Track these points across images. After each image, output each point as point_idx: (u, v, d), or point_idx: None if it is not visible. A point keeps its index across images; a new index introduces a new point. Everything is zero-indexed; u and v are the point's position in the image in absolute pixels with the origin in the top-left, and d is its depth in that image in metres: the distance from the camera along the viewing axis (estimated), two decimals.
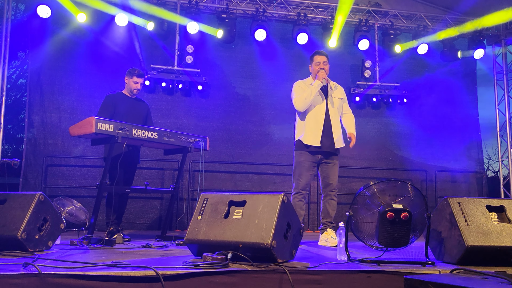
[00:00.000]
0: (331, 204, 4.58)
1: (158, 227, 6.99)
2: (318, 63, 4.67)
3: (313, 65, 4.74)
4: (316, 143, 4.52)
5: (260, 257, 2.71)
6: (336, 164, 4.64)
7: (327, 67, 4.68)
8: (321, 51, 4.84)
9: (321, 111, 4.59)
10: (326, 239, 4.42)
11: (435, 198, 7.96)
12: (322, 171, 4.63)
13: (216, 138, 7.36)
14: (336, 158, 4.65)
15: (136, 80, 5.02)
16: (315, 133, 4.54)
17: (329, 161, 4.60)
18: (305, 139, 4.56)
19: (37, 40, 7.11)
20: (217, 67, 7.74)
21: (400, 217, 2.80)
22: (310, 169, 4.57)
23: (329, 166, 4.60)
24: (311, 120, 4.59)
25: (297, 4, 7.92)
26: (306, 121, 4.61)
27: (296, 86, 4.75)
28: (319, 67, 4.64)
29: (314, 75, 4.69)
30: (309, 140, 4.54)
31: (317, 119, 4.57)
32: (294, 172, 4.64)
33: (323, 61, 4.68)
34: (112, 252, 3.42)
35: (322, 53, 4.75)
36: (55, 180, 6.92)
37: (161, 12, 7.17)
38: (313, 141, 4.53)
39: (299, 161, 4.60)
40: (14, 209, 3.33)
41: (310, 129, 4.56)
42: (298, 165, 4.61)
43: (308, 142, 4.54)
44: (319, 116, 4.58)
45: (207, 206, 3.14)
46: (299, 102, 4.58)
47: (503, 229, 3.00)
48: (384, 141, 8.24)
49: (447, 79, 8.48)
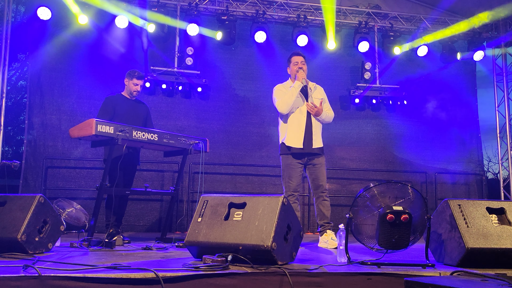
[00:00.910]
0: (325, 205, 4.58)
1: (158, 229, 6.99)
2: (296, 63, 4.69)
3: (291, 66, 4.76)
4: (299, 145, 4.54)
5: (260, 259, 2.71)
6: (323, 164, 4.64)
7: (305, 67, 4.70)
8: (297, 51, 4.88)
9: (302, 113, 4.62)
10: (326, 241, 4.41)
11: (435, 200, 7.96)
12: (311, 174, 4.64)
13: (216, 140, 7.36)
14: (322, 159, 4.65)
15: (136, 82, 5.02)
16: (297, 135, 4.56)
17: (315, 163, 4.61)
18: (288, 141, 4.59)
19: (37, 42, 7.12)
20: (217, 69, 7.74)
21: (400, 219, 2.80)
22: (298, 170, 4.59)
23: (316, 168, 4.61)
24: (293, 122, 4.61)
25: (297, 6, 7.93)
26: (288, 123, 4.64)
27: (276, 90, 4.77)
28: (297, 66, 4.66)
29: (293, 76, 4.72)
30: (292, 142, 4.56)
31: (299, 121, 4.59)
32: (283, 175, 4.65)
33: (300, 61, 4.70)
34: (112, 254, 3.42)
35: (299, 54, 4.78)
36: (55, 182, 6.91)
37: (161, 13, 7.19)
38: (296, 143, 4.55)
39: (286, 164, 4.62)
40: (14, 211, 3.33)
41: (292, 131, 4.59)
42: (286, 168, 4.63)
43: (290, 144, 4.57)
44: (301, 117, 4.60)
45: (207, 208, 3.14)
46: (281, 105, 4.60)
47: (503, 231, 3.00)
48: (384, 143, 8.24)
49: (447, 81, 8.49)
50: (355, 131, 8.10)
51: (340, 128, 7.91)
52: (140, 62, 7.24)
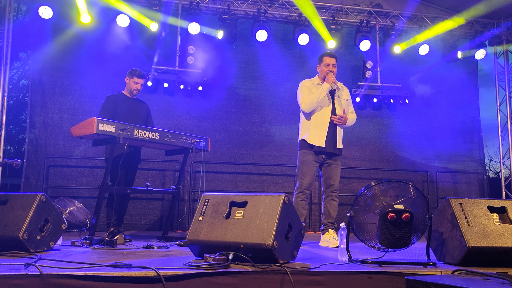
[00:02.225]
0: (333, 204, 4.58)
1: (159, 228, 7.00)
2: (327, 65, 4.63)
3: (321, 66, 4.70)
4: (321, 144, 4.53)
5: (261, 258, 2.71)
6: (338, 165, 4.64)
7: (335, 69, 4.66)
8: (331, 52, 4.81)
9: (327, 112, 4.59)
10: (327, 240, 4.41)
11: (437, 199, 7.95)
12: (325, 172, 4.63)
13: (217, 139, 7.37)
14: (339, 159, 4.66)
15: (136, 80, 5.02)
16: (320, 133, 4.54)
17: (332, 162, 4.61)
18: (309, 139, 4.56)
19: (39, 41, 7.13)
20: (218, 68, 7.73)
21: (402, 218, 2.80)
22: (314, 169, 4.58)
23: (331, 167, 4.61)
24: (317, 120, 4.58)
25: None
26: (311, 121, 4.60)
27: (302, 86, 4.71)
28: (328, 68, 4.61)
29: (322, 76, 4.67)
30: (314, 140, 4.54)
31: (323, 120, 4.57)
32: (298, 171, 4.63)
33: (332, 63, 4.64)
34: (114, 253, 3.42)
35: (332, 55, 4.71)
36: (57, 180, 6.93)
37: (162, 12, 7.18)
38: (318, 142, 4.53)
39: (303, 161, 4.59)
40: (16, 210, 3.34)
41: (315, 130, 4.56)
42: (302, 164, 4.60)
43: (312, 142, 4.54)
44: (325, 117, 4.58)
45: (208, 206, 3.14)
46: (306, 104, 4.56)
47: (504, 230, 2.99)
48: (386, 142, 8.24)
49: (448, 80, 8.48)
50: (356, 130, 8.09)
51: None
52: (142, 61, 7.23)
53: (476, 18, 8.24)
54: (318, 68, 4.79)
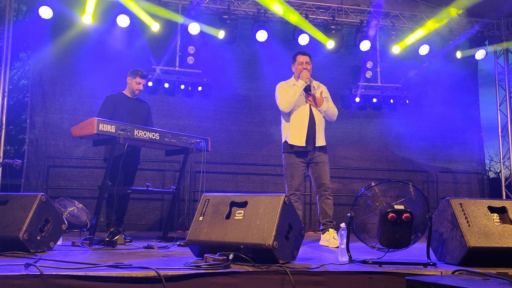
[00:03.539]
0: (327, 203, 4.58)
1: (159, 228, 7.00)
2: (301, 63, 4.67)
3: (296, 65, 4.74)
4: (301, 143, 4.54)
5: (262, 258, 2.71)
6: (326, 163, 4.63)
7: (309, 66, 4.68)
8: (303, 51, 4.84)
9: (305, 111, 4.61)
10: (328, 240, 4.41)
11: (437, 199, 7.95)
12: (313, 172, 4.63)
13: (217, 139, 7.37)
14: (325, 157, 4.64)
15: (139, 80, 5.03)
16: (300, 133, 4.55)
17: (318, 161, 4.60)
18: (290, 140, 4.58)
19: (39, 41, 7.13)
20: (218, 68, 7.74)
21: (402, 218, 2.80)
22: (300, 169, 4.59)
23: (319, 166, 4.60)
24: (296, 120, 4.60)
25: (298, 5, 7.92)
26: (291, 122, 4.63)
27: (279, 87, 4.75)
28: (302, 66, 4.64)
29: (297, 75, 4.71)
30: (294, 140, 4.56)
31: (302, 119, 4.58)
32: (286, 174, 4.65)
33: (305, 61, 4.67)
34: (114, 253, 3.42)
35: (305, 53, 4.75)
36: (57, 181, 6.93)
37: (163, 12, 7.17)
38: (298, 141, 4.54)
39: (289, 163, 4.62)
40: (16, 210, 3.34)
41: (295, 130, 4.58)
42: (288, 167, 4.62)
43: (293, 142, 4.56)
44: (303, 116, 4.60)
45: (209, 207, 3.14)
46: (283, 103, 4.59)
47: (505, 230, 2.99)
48: (386, 142, 8.24)
49: (448, 80, 8.48)
50: (356, 130, 8.10)
51: (341, 127, 7.91)
52: (142, 61, 7.24)
53: (476, 18, 8.24)
54: (292, 68, 4.82)
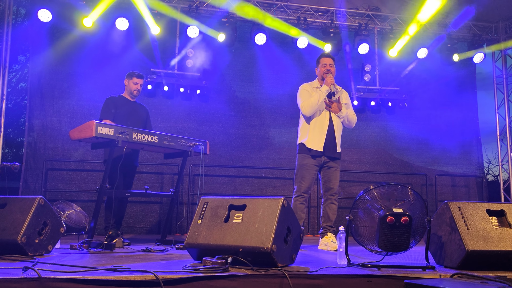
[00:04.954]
0: (332, 208, 4.58)
1: (158, 231, 6.99)
2: (325, 65, 4.66)
3: (319, 68, 4.73)
4: (319, 148, 4.53)
5: (260, 261, 2.71)
6: (338, 168, 4.64)
7: (333, 69, 4.67)
8: (327, 53, 4.84)
9: (325, 117, 4.61)
10: (326, 243, 4.41)
11: (435, 202, 7.95)
12: (324, 175, 4.63)
13: (216, 142, 7.37)
14: (339, 163, 4.66)
15: (136, 81, 5.05)
16: (319, 137, 4.55)
17: (331, 166, 4.61)
18: (308, 143, 4.57)
19: (38, 44, 7.12)
20: (217, 71, 7.75)
21: (400, 221, 2.80)
22: (313, 172, 4.57)
23: (331, 171, 4.61)
24: (316, 124, 4.59)
25: (297, 8, 7.94)
26: (310, 125, 4.61)
27: (302, 89, 4.73)
28: (326, 68, 4.64)
29: (321, 77, 4.70)
30: (312, 144, 4.55)
31: (322, 124, 4.58)
32: (297, 175, 4.63)
33: (329, 63, 4.67)
34: (112, 256, 3.42)
35: (329, 55, 4.75)
36: (55, 184, 6.91)
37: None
38: (316, 146, 4.54)
39: (302, 164, 4.60)
40: (14, 213, 3.33)
41: (313, 134, 4.57)
42: (300, 168, 4.60)
43: (311, 146, 4.55)
44: (324, 121, 4.59)
45: (207, 210, 3.14)
46: (306, 107, 4.56)
47: (503, 234, 3.00)
48: (384, 145, 8.25)
49: (447, 83, 8.49)
50: (355, 133, 8.10)
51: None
52: (141, 64, 7.24)
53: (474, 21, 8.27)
54: (316, 71, 4.81)
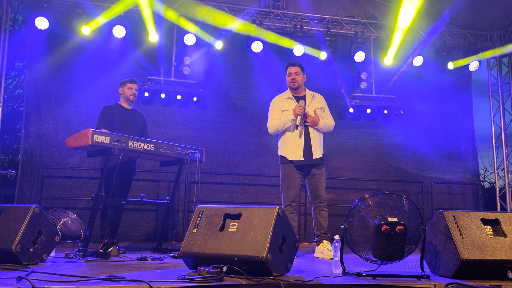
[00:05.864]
0: (322, 215, 4.57)
1: (153, 239, 6.96)
2: (290, 74, 4.67)
3: (286, 77, 4.73)
4: (299, 158, 4.54)
5: (255, 270, 2.71)
6: (322, 174, 4.63)
7: (299, 77, 4.66)
8: (292, 61, 4.84)
9: (299, 127, 4.58)
10: (322, 251, 4.41)
11: (431, 210, 7.96)
12: (310, 183, 4.63)
13: (212, 149, 7.37)
14: (322, 168, 4.64)
15: (130, 86, 5.09)
16: (297, 147, 4.56)
17: (314, 173, 4.60)
18: (288, 155, 4.58)
19: (35, 51, 7.13)
20: (214, 79, 7.76)
21: (395, 230, 2.80)
22: (297, 181, 4.58)
23: (315, 178, 4.60)
24: (292, 136, 4.60)
25: (293, 16, 7.98)
26: (286, 136, 4.63)
27: (272, 105, 4.74)
28: (291, 77, 4.65)
29: (288, 86, 4.72)
30: (292, 155, 4.57)
31: (297, 135, 4.58)
32: (282, 185, 4.64)
33: (294, 71, 4.66)
34: (107, 265, 3.41)
35: (294, 64, 4.74)
36: (51, 191, 6.88)
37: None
38: (296, 156, 4.55)
39: (286, 174, 4.61)
40: (9, 222, 3.32)
41: (291, 145, 4.59)
42: (285, 178, 4.61)
43: (291, 158, 4.56)
44: (299, 129, 4.58)
45: (203, 218, 3.14)
46: (270, 128, 4.67)
47: (498, 243, 3.00)
48: (380, 153, 8.27)
49: (442, 91, 8.54)
50: (351, 140, 8.12)
51: (336, 138, 7.93)
52: (138, 72, 7.25)
53: (469, 30, 8.33)
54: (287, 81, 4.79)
